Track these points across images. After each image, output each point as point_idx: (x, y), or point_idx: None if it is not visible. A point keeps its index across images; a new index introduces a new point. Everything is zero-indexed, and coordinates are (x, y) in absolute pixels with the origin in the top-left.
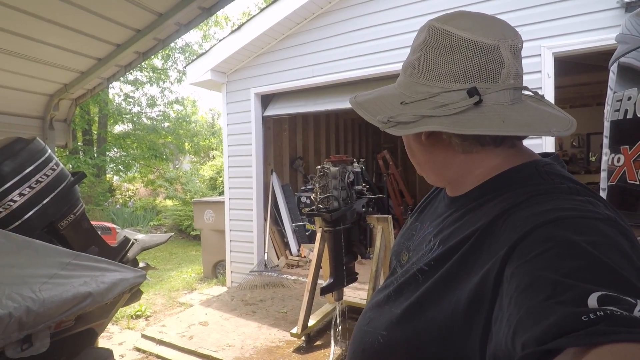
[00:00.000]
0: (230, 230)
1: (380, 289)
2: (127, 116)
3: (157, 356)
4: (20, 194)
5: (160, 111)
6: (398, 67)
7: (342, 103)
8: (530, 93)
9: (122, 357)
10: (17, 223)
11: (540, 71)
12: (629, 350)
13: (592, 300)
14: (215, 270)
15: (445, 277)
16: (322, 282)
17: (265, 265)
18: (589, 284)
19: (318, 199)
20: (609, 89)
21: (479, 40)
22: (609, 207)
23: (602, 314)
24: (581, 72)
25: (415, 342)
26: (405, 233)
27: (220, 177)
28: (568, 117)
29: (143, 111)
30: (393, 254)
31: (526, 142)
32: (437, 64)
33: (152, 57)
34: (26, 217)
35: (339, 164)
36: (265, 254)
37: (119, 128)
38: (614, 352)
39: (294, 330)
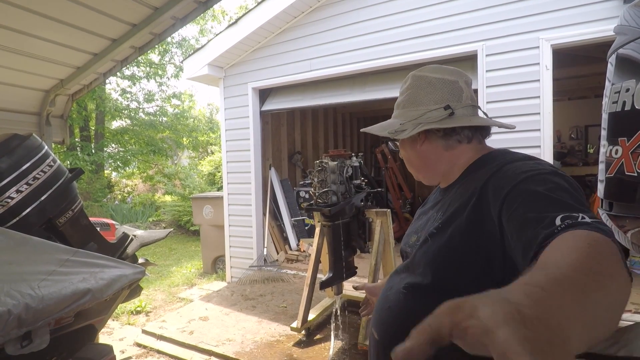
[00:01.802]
0: (229, 225)
1: (396, 269)
2: (124, 112)
3: (158, 351)
4: (18, 191)
5: (157, 106)
6: (396, 60)
7: (340, 97)
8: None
9: (123, 352)
10: (15, 220)
11: (538, 63)
12: (580, 232)
13: (558, 220)
14: (215, 266)
15: (460, 226)
16: (322, 277)
17: (265, 260)
18: (553, 213)
19: (317, 194)
20: (607, 81)
21: (445, 77)
22: (552, 166)
23: (564, 224)
24: (579, 64)
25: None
26: (412, 226)
27: (219, 172)
28: (508, 124)
29: (141, 106)
30: (403, 244)
31: (525, 135)
32: (420, 96)
33: (149, 51)
34: (24, 214)
35: (337, 158)
36: (265, 249)
37: (116, 124)
38: (572, 233)
39: (294, 325)
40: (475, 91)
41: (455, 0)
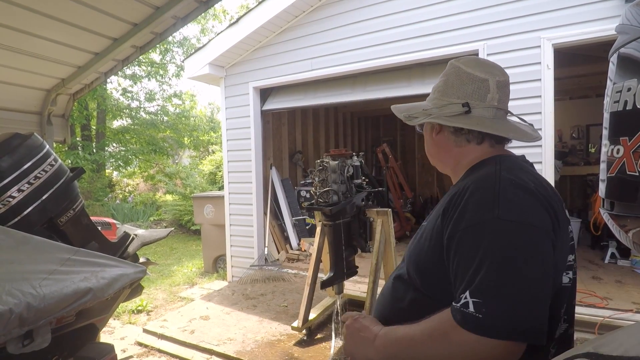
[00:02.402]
0: (230, 224)
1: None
2: (125, 111)
3: (159, 350)
4: (19, 190)
5: (159, 105)
6: (398, 59)
7: (341, 96)
8: (517, 119)
9: (124, 351)
10: (16, 219)
11: (539, 62)
12: (448, 320)
13: (457, 300)
14: (216, 265)
15: (430, 232)
16: (323, 276)
17: (266, 259)
18: (462, 285)
19: (318, 193)
20: (608, 80)
21: (474, 73)
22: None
23: (457, 304)
24: (581, 63)
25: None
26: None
27: (220, 171)
28: (536, 135)
29: (142, 106)
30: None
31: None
32: (449, 86)
33: (150, 51)
34: (25, 213)
35: (338, 157)
36: (266, 248)
37: (117, 123)
38: (447, 314)
39: (295, 324)
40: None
41: (457, 0)
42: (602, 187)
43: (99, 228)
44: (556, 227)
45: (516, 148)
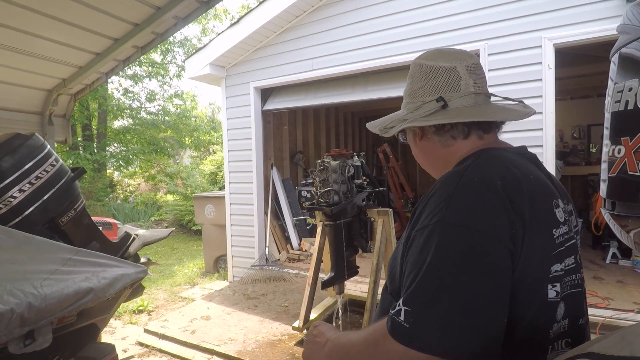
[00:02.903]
0: (231, 224)
1: None
2: (126, 111)
3: (160, 350)
4: (20, 190)
5: (160, 105)
6: (399, 59)
7: (342, 96)
8: (499, 98)
9: (125, 351)
10: (17, 219)
11: (540, 62)
12: (381, 329)
13: (395, 307)
14: (217, 265)
15: (403, 236)
16: (323, 276)
17: (267, 259)
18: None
19: (318, 193)
20: (609, 80)
21: (439, 65)
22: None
23: (391, 313)
24: (582, 63)
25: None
26: None
27: (221, 171)
28: (528, 110)
29: (143, 106)
30: None
31: (528, 134)
32: (417, 86)
33: (151, 51)
34: (26, 213)
35: (339, 157)
36: (267, 248)
37: (118, 123)
38: (381, 325)
39: (296, 324)
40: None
41: (457, 0)
42: (603, 187)
43: (100, 228)
44: (519, 231)
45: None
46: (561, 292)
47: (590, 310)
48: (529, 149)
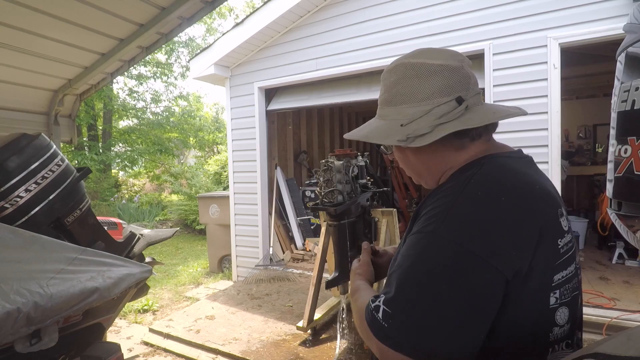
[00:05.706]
0: (235, 224)
1: None
2: (131, 111)
3: (165, 350)
4: (27, 190)
5: (165, 106)
6: None
7: (346, 96)
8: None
9: (130, 351)
10: (23, 219)
11: (546, 62)
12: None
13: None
14: (221, 265)
15: (405, 238)
16: (327, 276)
17: (271, 259)
18: (385, 288)
19: (322, 193)
20: (616, 80)
21: (449, 63)
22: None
23: (372, 304)
24: (588, 63)
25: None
26: None
27: (225, 171)
28: (515, 111)
29: (148, 106)
30: None
31: (533, 134)
32: (421, 88)
33: (156, 51)
34: (33, 212)
35: (343, 157)
36: (271, 248)
37: (123, 123)
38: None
39: (300, 324)
40: (482, 90)
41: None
42: (609, 187)
43: (106, 228)
44: (524, 249)
45: (523, 147)
46: (562, 298)
47: (597, 311)
48: (535, 149)
